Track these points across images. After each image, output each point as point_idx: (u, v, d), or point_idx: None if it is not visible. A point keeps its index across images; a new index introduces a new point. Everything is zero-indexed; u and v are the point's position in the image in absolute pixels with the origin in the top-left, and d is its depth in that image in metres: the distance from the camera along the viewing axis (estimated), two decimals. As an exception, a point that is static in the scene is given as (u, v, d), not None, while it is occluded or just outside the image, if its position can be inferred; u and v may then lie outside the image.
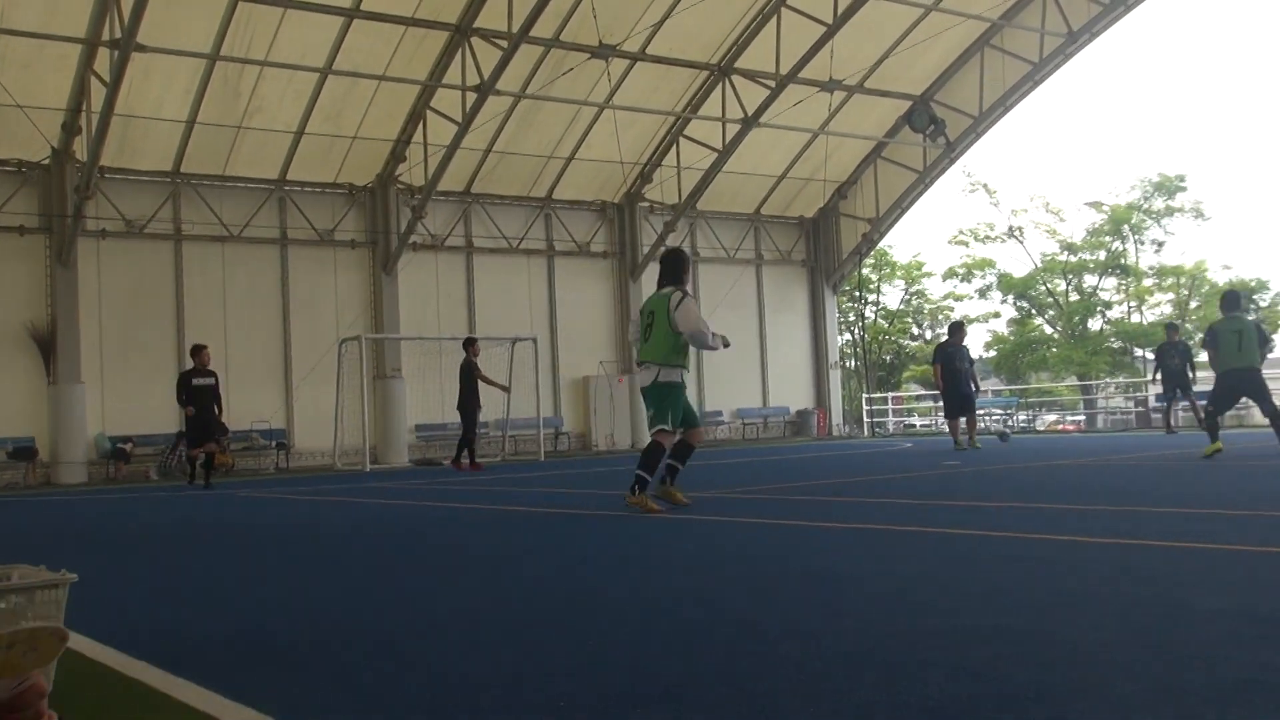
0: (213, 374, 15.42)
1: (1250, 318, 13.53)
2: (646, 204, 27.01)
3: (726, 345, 9.21)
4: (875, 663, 3.08)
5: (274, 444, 22.15)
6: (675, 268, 8.93)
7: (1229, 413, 13.49)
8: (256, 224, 22.72)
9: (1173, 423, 20.76)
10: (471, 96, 20.99)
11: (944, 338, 18.39)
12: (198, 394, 15.13)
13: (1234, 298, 13.32)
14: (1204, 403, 19.60)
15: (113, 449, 20.54)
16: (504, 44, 20.12)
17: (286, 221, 23.14)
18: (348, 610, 4.57)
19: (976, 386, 17.86)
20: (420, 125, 22.24)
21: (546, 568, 5.65)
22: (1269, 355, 12.85)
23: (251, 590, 5.38)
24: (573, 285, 26.55)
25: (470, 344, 18.35)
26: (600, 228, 27.04)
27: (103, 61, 18.10)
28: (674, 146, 25.63)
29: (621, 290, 27.07)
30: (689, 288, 8.89)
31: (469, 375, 17.85)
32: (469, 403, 17.80)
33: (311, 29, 19.80)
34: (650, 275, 26.87)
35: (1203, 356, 18.08)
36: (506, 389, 19.35)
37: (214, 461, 15.45)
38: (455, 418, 24.29)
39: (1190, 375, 19.90)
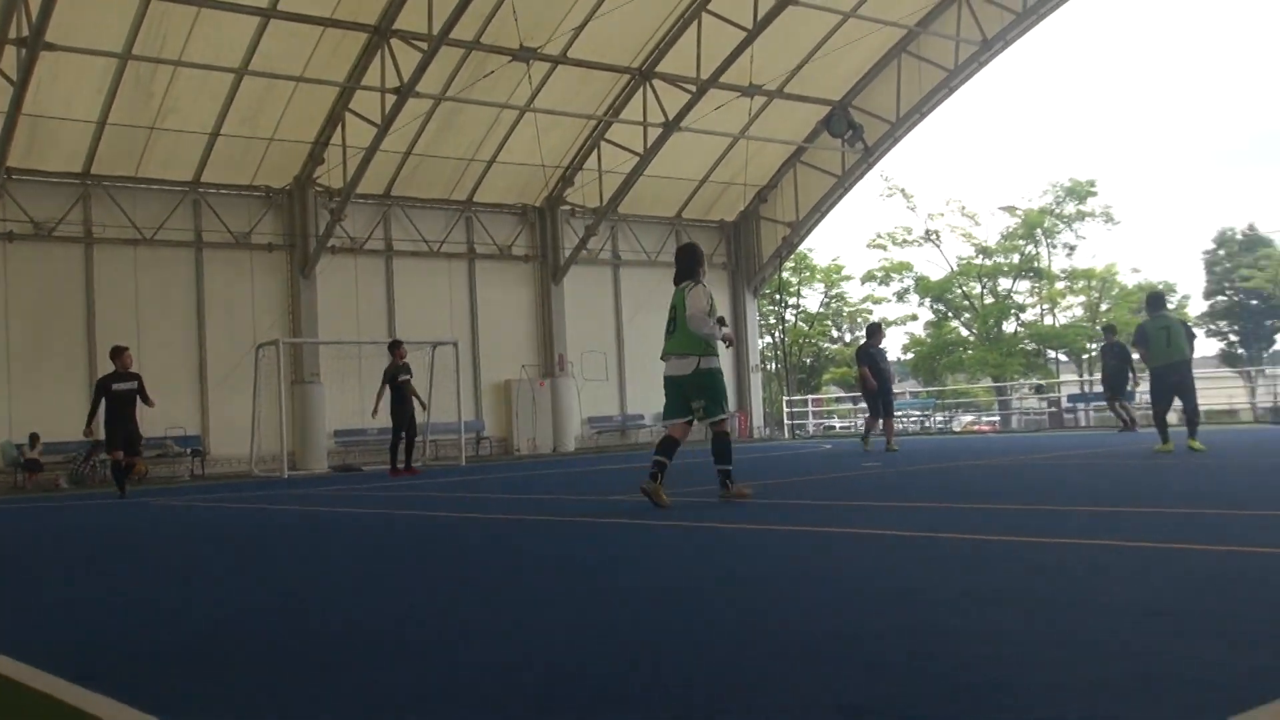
0: (135, 377, 14.76)
1: (1176, 316, 14.41)
2: (568, 207, 26.99)
3: (728, 343, 9.55)
4: (793, 662, 3.12)
5: (189, 451, 21.75)
6: (690, 262, 9.37)
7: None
8: (170, 227, 22.30)
9: (1127, 418, 20.56)
10: (391, 98, 20.81)
11: (862, 340, 18.46)
12: (119, 400, 14.56)
13: (1158, 298, 13.91)
14: (1129, 401, 20.35)
15: (19, 457, 20.01)
16: (424, 45, 19.99)
17: (201, 224, 22.75)
18: (270, 618, 4.51)
19: (886, 384, 17.89)
20: (339, 127, 21.99)
21: (453, 574, 5.63)
22: (1194, 352, 13.49)
23: (166, 600, 5.29)
24: (494, 289, 26.43)
25: (395, 347, 18.16)
26: (521, 231, 26.96)
27: (9, 60, 17.62)
28: (595, 150, 25.65)
29: (543, 294, 27.02)
30: (704, 279, 9.32)
31: (394, 379, 17.66)
32: (397, 406, 17.60)
33: (227, 29, 19.47)
34: (573, 278, 27.03)
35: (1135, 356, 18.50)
36: (424, 406, 18.97)
37: (129, 469, 14.96)
38: (376, 423, 24.18)
39: (1130, 376, 20.12)
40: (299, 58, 20.43)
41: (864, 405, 18.37)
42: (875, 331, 18.25)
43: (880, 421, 17.59)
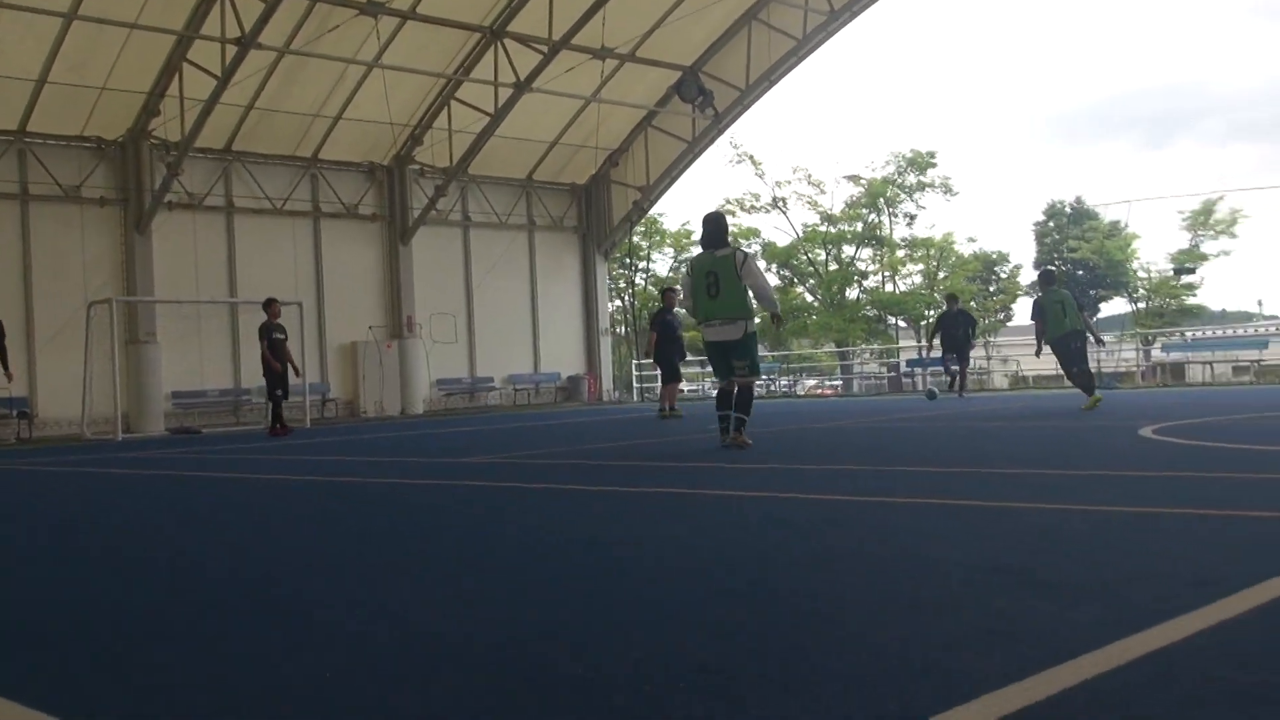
0: None
1: (1065, 290, 15.68)
2: (417, 167, 26.54)
3: (779, 315, 10.45)
4: (638, 624, 3.16)
5: (15, 413, 20.79)
6: (722, 229, 10.06)
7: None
8: (-8, 178, 21.19)
9: (960, 384, 21.04)
10: (232, 50, 20.07)
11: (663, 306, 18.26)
12: None
13: (1050, 275, 15.73)
14: (947, 368, 21.03)
15: None
16: (266, -4, 19.34)
17: (28, 176, 21.63)
18: (103, 591, 4.36)
19: (678, 349, 17.87)
20: (176, 78, 21.12)
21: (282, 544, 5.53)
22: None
23: (-6, 569, 5.07)
24: (340, 248, 25.85)
25: (269, 304, 17.62)
26: (369, 190, 26.42)
27: None
28: (445, 109, 25.24)
29: (391, 254, 26.55)
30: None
31: (270, 336, 17.16)
32: (270, 365, 17.12)
33: (54, -30, 18.51)
34: (422, 239, 26.62)
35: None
36: (297, 373, 18.27)
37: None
38: (215, 383, 23.53)
39: (970, 344, 20.77)
40: (133, 4, 19.51)
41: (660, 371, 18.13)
42: (665, 295, 18.28)
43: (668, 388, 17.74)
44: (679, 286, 9.91)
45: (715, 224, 10.08)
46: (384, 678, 2.67)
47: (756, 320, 9.76)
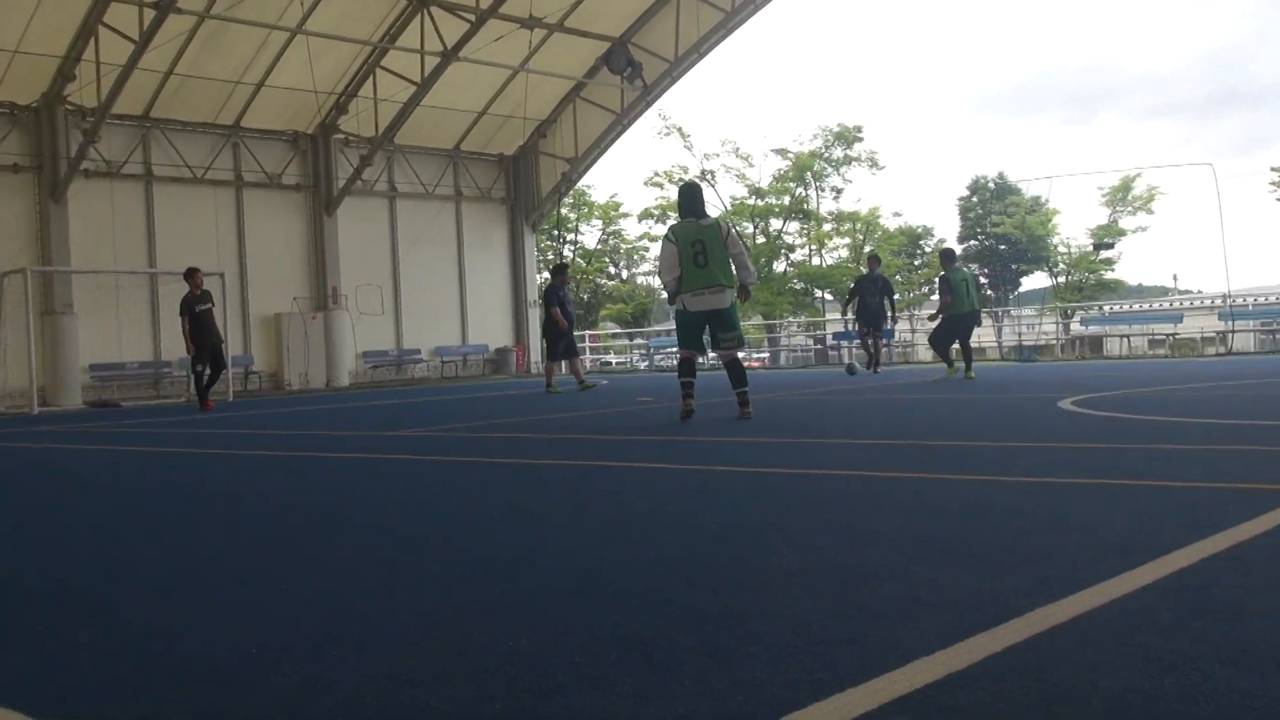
0: None
1: (968, 269, 16.69)
2: (342, 136, 26.16)
3: (748, 289, 10.02)
4: (573, 594, 3.17)
5: (-76, 386, 20.25)
6: (700, 198, 9.96)
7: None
8: (-101, 143, 20.53)
9: (876, 358, 19.54)
10: (150, 13, 19.60)
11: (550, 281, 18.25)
12: None
13: (952, 253, 17.35)
14: (886, 340, 20.92)
15: None
16: (186, -41, 18.90)
17: (-65, 141, 21.01)
18: (33, 566, 4.27)
19: (572, 326, 17.86)
20: (92, 42, 20.55)
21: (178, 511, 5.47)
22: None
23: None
24: (263, 219, 25.43)
25: (191, 274, 17.22)
26: (293, 159, 25.99)
27: None
28: (371, 77, 24.88)
29: (316, 225, 26.18)
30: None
31: (192, 308, 16.78)
32: (199, 336, 16.72)
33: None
34: (347, 210, 26.28)
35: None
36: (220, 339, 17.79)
37: None
38: (135, 355, 23.09)
39: (890, 314, 19.04)
40: (46, -36, 18.99)
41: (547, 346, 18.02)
42: (561, 272, 18.20)
43: (564, 364, 17.77)
44: (658, 257, 9.58)
45: (695, 192, 9.97)
46: (308, 653, 2.65)
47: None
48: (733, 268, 9.58)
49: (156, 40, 20.16)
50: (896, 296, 20.73)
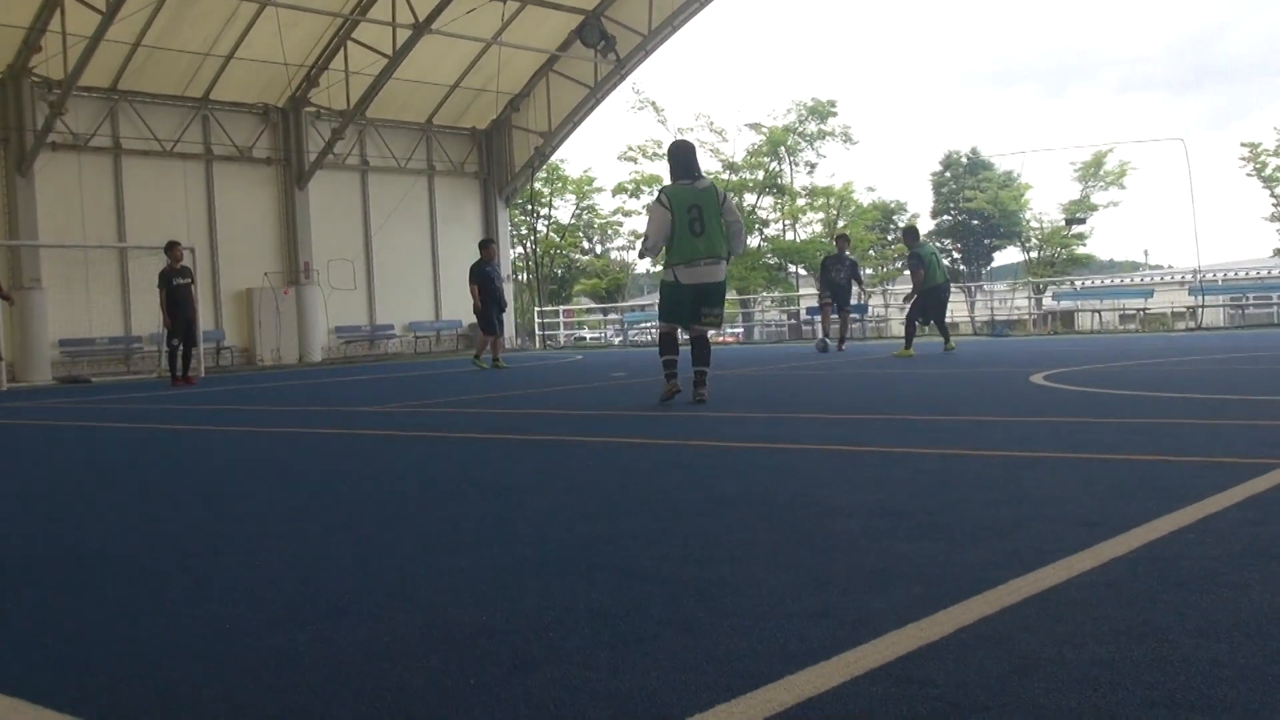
0: None
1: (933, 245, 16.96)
2: (313, 109, 25.94)
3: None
4: (544, 568, 3.17)
5: (-110, 361, 19.98)
6: (695, 157, 8.92)
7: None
8: None
9: (831, 336, 18.95)
10: (117, -16, 19.36)
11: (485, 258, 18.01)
12: None
13: (915, 230, 17.75)
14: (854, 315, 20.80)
15: None
16: (154, -72, 18.65)
17: (-101, 113, 20.70)
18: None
19: (503, 305, 17.89)
20: (58, 12, 20.27)
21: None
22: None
23: None
24: (234, 192, 25.22)
25: (171, 248, 17.07)
26: (263, 132, 25.77)
27: None
28: (342, 50, 24.67)
29: (287, 199, 25.99)
30: None
31: (169, 281, 16.64)
32: (174, 310, 16.57)
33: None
34: (319, 183, 26.08)
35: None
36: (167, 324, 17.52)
37: None
38: (105, 330, 22.90)
39: (853, 291, 19.09)
40: (10, -67, 18.69)
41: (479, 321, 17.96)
42: (487, 247, 18.05)
43: (491, 340, 17.67)
44: (647, 221, 8.69)
45: (689, 152, 8.90)
46: (280, 628, 2.64)
47: None
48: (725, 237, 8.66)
49: (124, 11, 19.91)
50: (868, 271, 20.86)
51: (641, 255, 9.22)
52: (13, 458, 7.72)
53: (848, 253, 19.59)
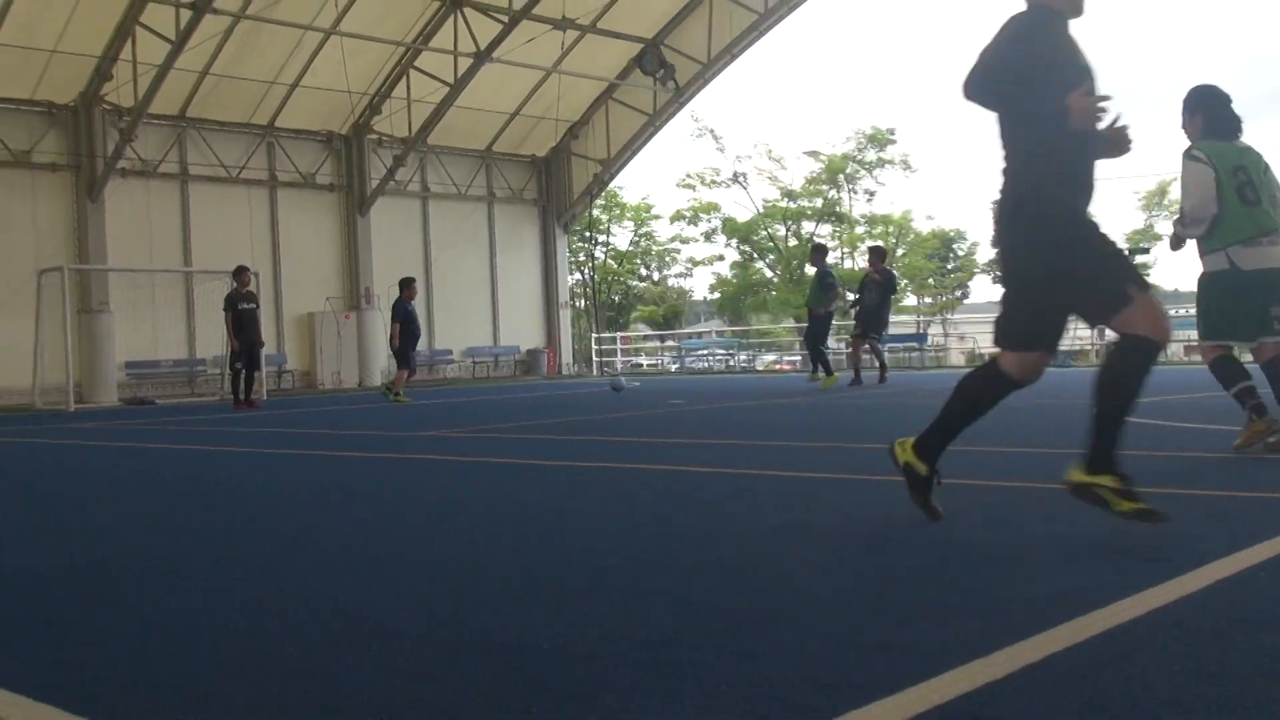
0: None
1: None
2: (375, 136, 26.27)
3: None
4: (599, 594, 3.15)
5: (-36, 382, 20.43)
6: (1233, 109, 6.43)
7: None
8: (-61, 142, 20.77)
9: (877, 363, 17.11)
10: (186, 14, 19.75)
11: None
12: None
13: (824, 248, 17.96)
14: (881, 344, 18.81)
15: None
16: (223, -40, 19.02)
17: (-24, 141, 21.23)
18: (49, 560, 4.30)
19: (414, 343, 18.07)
20: (129, 42, 20.73)
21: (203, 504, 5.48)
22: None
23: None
24: (297, 218, 25.57)
25: (239, 273, 17.31)
26: (326, 159, 26.13)
27: None
28: (404, 78, 24.98)
29: (349, 225, 26.31)
30: None
31: (235, 306, 16.89)
32: (239, 334, 16.81)
33: (3, -70, 18.09)
34: (380, 210, 26.38)
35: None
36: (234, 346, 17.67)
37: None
38: (170, 353, 23.29)
39: (881, 317, 16.93)
40: (85, -34, 19.16)
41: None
42: (408, 285, 18.15)
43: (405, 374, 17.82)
44: (1183, 184, 6.28)
45: (1226, 101, 6.43)
46: (329, 649, 2.64)
47: None
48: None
49: (193, 40, 20.31)
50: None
51: (1179, 236, 6.55)
52: (96, 480, 7.84)
53: (877, 272, 17.28)
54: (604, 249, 47.83)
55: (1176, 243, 6.60)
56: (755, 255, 48.25)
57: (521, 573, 3.57)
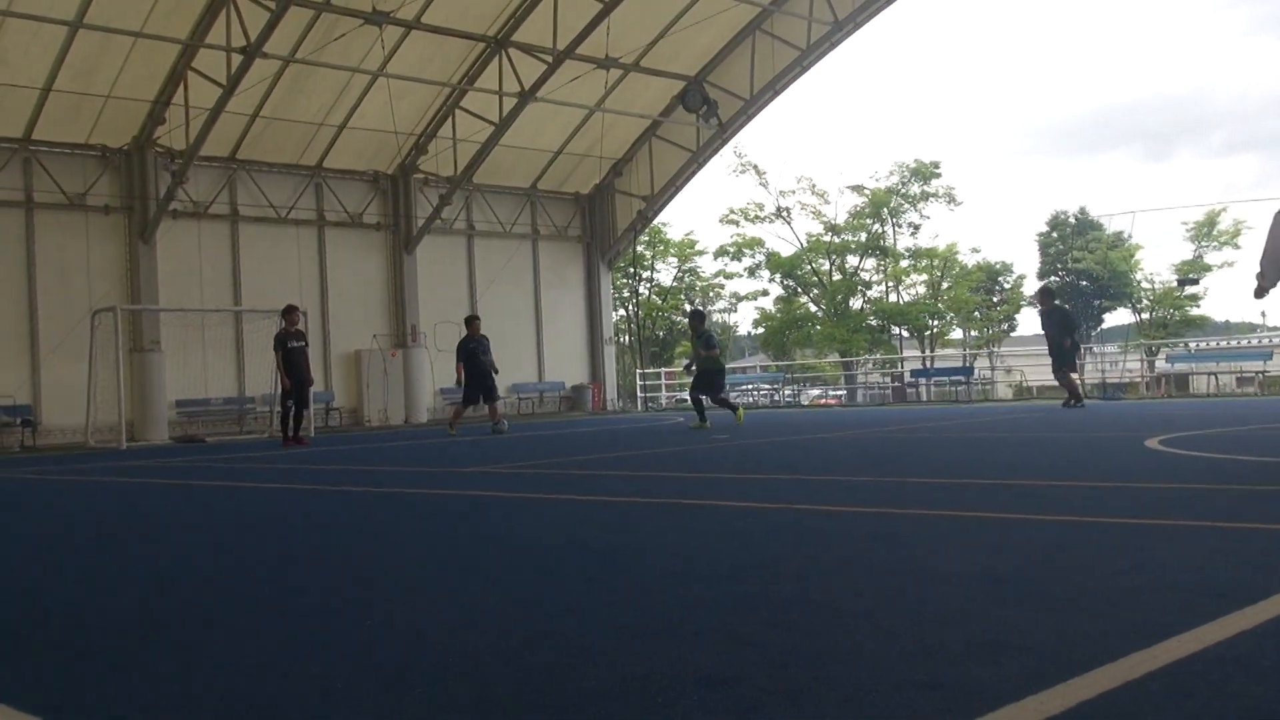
0: None
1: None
2: (421, 176, 26.57)
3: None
4: (649, 634, 3.14)
5: (19, 420, 20.79)
6: None
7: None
8: (-2, 185, 21.22)
9: (1076, 390, 18.71)
10: (237, 58, 20.12)
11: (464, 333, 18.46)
12: None
13: (702, 314, 18.18)
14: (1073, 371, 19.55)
15: None
16: (272, 5, 19.36)
17: (32, 184, 21.66)
18: (82, 593, 4.34)
19: (487, 374, 18.36)
20: (181, 86, 21.15)
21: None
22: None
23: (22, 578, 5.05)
24: (344, 257, 25.88)
25: (289, 312, 17.55)
26: (373, 199, 26.44)
27: None
28: (450, 118, 25.27)
29: (395, 263, 26.58)
30: None
31: (284, 344, 17.11)
32: (289, 372, 17.03)
33: (60, -21, 18.53)
34: (426, 248, 26.65)
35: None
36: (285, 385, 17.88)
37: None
38: (219, 392, 23.56)
39: (1064, 348, 18.28)
40: (138, 13, 19.56)
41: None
42: (472, 323, 18.48)
43: (469, 408, 18.61)
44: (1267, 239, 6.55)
45: None
46: (389, 686, 2.65)
47: None
48: None
49: (243, 84, 20.68)
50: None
51: (1260, 292, 6.82)
52: (152, 516, 7.94)
53: (1056, 303, 19.75)
54: (648, 285, 47.93)
55: (1261, 292, 6.93)
56: (799, 290, 48.17)
57: (577, 610, 3.56)
